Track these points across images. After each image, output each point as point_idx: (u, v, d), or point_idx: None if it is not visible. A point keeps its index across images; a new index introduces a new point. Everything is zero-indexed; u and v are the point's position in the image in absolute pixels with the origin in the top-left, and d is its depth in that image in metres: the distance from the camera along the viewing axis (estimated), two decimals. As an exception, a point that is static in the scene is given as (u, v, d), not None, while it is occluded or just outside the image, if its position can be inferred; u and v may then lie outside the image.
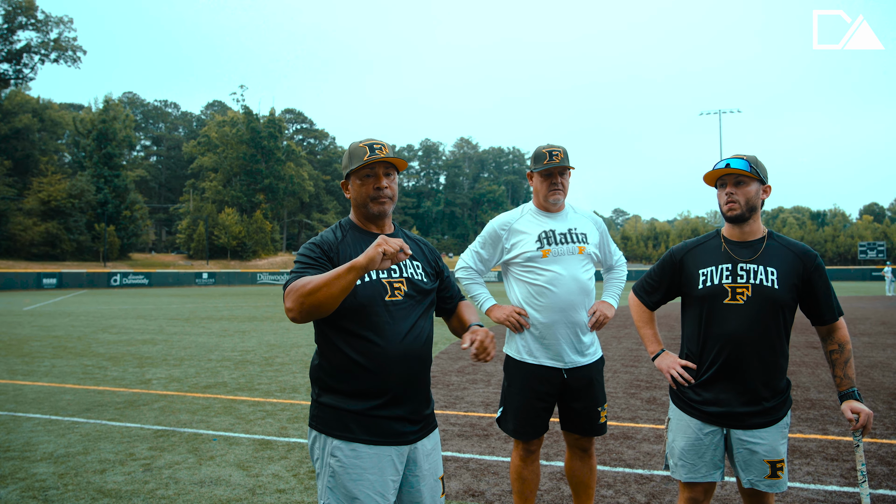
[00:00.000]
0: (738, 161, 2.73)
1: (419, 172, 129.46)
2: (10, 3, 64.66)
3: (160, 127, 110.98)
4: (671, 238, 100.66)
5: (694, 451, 2.79)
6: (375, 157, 2.35)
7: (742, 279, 2.73)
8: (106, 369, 9.77)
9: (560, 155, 3.38)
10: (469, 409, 6.84)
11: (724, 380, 2.74)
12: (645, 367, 9.54)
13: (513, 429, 3.42)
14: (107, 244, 66.93)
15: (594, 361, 3.42)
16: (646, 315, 3.09)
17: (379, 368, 2.26)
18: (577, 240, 3.41)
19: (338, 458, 2.23)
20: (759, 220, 2.82)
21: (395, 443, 2.28)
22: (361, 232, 2.44)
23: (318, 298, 2.07)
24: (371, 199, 2.40)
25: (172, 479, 4.60)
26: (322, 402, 2.32)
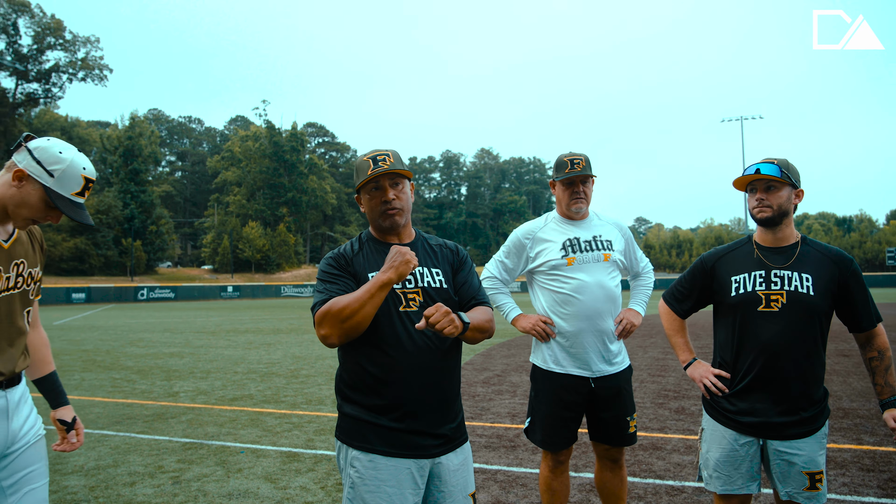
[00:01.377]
0: (768, 166, 2.67)
1: (440, 184, 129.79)
2: (40, 24, 66.33)
3: (185, 143, 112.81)
4: (695, 246, 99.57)
5: (729, 463, 2.73)
6: (379, 169, 2.31)
7: (776, 286, 2.67)
8: (134, 382, 9.88)
9: (581, 163, 3.36)
10: (495, 420, 6.80)
11: (759, 389, 2.68)
12: (672, 377, 9.41)
13: (541, 439, 3.38)
14: (134, 259, 67.97)
15: (622, 370, 3.38)
16: (676, 323, 3.04)
17: (395, 381, 2.24)
18: (602, 247, 3.37)
19: (356, 469, 2.23)
20: (791, 225, 2.76)
21: (414, 456, 2.24)
22: (379, 244, 2.42)
23: (357, 320, 2.11)
24: (381, 214, 2.37)
25: (201, 491, 4.62)
26: (344, 412, 2.33)
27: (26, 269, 2.27)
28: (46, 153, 2.11)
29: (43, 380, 2.49)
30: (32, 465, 2.28)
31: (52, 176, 2.10)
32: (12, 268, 2.20)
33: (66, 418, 2.48)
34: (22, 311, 2.28)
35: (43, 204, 2.12)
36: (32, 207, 2.12)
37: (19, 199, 2.11)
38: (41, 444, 2.35)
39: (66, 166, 2.12)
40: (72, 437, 2.49)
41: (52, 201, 2.10)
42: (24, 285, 2.26)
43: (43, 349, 2.52)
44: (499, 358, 12.05)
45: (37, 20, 66.28)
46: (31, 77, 68.12)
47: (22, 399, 2.30)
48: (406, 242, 2.45)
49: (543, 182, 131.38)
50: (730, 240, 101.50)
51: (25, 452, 2.26)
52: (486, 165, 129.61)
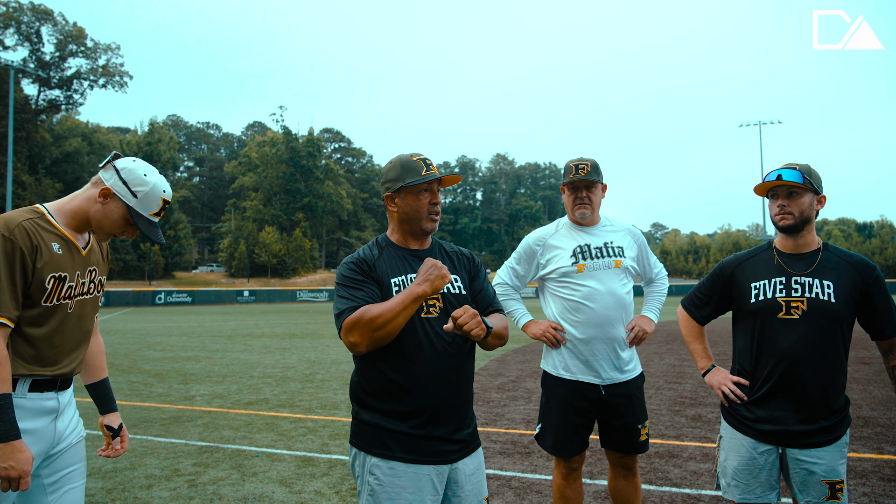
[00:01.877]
0: (791, 172, 2.64)
1: (456, 189, 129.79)
2: (62, 32, 67.38)
3: (203, 148, 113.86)
4: (712, 252, 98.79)
5: (747, 471, 2.70)
6: (433, 174, 2.35)
7: (797, 293, 2.64)
8: (151, 386, 9.97)
9: (586, 168, 3.34)
10: (510, 427, 6.78)
11: (779, 397, 2.65)
12: (689, 384, 9.32)
13: (551, 446, 3.36)
14: (151, 263, 68.65)
15: (633, 378, 3.33)
16: (695, 330, 3.02)
17: (417, 387, 2.24)
18: (612, 254, 3.35)
19: (376, 477, 2.22)
20: (813, 232, 2.73)
21: (435, 462, 2.24)
22: (398, 248, 2.42)
23: (388, 330, 2.12)
24: (427, 215, 2.39)
25: (217, 494, 4.65)
26: (362, 419, 2.32)
27: (97, 276, 2.39)
28: (133, 175, 2.28)
29: (96, 385, 2.57)
30: (73, 464, 2.34)
31: (136, 197, 2.27)
32: (87, 273, 2.33)
33: (112, 424, 2.56)
34: (91, 316, 2.41)
35: (124, 221, 2.29)
36: (114, 223, 2.29)
37: (102, 214, 2.28)
38: (82, 445, 2.41)
39: (150, 189, 2.29)
40: (116, 444, 2.56)
41: (133, 220, 2.28)
42: (94, 291, 2.39)
43: (99, 355, 2.60)
44: (513, 364, 12.02)
45: (59, 28, 67.37)
46: (53, 84, 69.19)
47: (69, 401, 2.37)
48: (426, 248, 2.46)
49: (559, 187, 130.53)
50: (748, 246, 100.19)
51: (68, 452, 2.33)
52: (501, 171, 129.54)
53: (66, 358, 2.27)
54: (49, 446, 2.25)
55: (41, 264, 2.13)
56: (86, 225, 2.31)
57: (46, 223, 2.21)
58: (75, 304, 2.27)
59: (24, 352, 2.15)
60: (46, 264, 2.15)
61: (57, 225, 2.24)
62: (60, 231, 2.23)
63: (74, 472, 2.35)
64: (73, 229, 2.29)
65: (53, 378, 2.23)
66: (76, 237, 2.30)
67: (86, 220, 2.29)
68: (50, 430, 2.24)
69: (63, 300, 2.22)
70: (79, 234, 2.32)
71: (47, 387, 2.22)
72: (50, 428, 2.24)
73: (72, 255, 2.26)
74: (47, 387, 2.22)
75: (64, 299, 2.22)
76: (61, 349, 2.25)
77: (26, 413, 2.16)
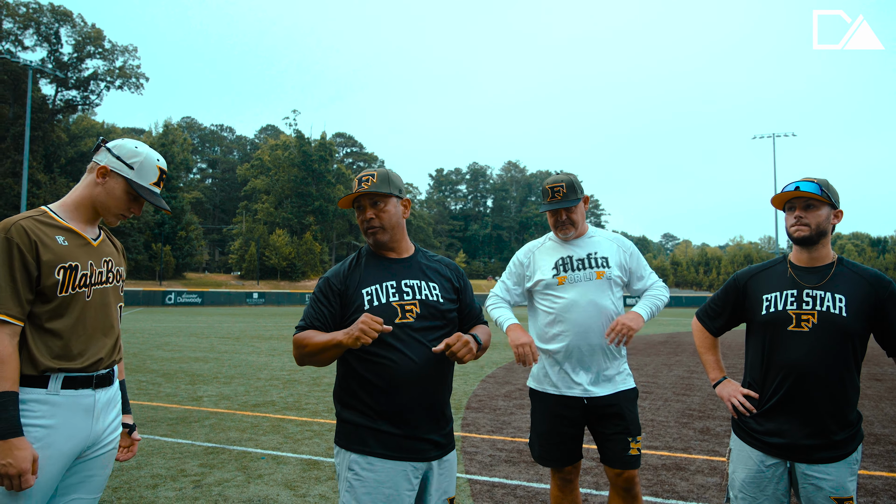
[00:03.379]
0: (809, 184, 2.63)
1: (466, 196, 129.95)
2: (81, 33, 68.11)
3: (216, 150, 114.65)
4: (723, 264, 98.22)
5: (755, 484, 2.67)
6: (359, 190, 2.46)
7: (808, 305, 2.62)
8: (159, 385, 10.01)
9: (561, 191, 3.32)
10: (516, 435, 6.75)
11: (787, 410, 2.63)
12: (697, 396, 9.25)
13: (538, 455, 3.36)
14: (163, 263, 69.05)
15: (621, 391, 3.26)
16: (708, 341, 3.00)
17: (392, 389, 2.34)
18: (595, 265, 3.33)
19: (355, 472, 2.32)
20: (828, 246, 2.71)
21: (411, 458, 2.34)
22: (377, 258, 2.54)
23: (312, 361, 2.35)
24: (365, 233, 2.52)
25: (222, 496, 4.65)
26: (343, 418, 2.43)
27: (115, 266, 2.43)
28: (124, 149, 2.36)
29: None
30: (96, 472, 2.31)
31: (133, 168, 2.35)
32: (103, 263, 2.36)
33: (126, 422, 2.55)
34: (115, 304, 2.43)
35: (127, 196, 2.36)
36: (119, 200, 2.35)
37: (105, 194, 2.33)
38: (111, 455, 2.39)
39: (144, 158, 2.37)
40: (125, 441, 2.54)
41: (136, 191, 2.34)
42: (114, 280, 2.42)
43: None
44: (520, 372, 11.98)
45: (78, 29, 68.11)
46: (71, 84, 69.89)
47: (111, 403, 2.37)
48: (404, 257, 2.56)
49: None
50: (759, 258, 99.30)
51: (96, 459, 2.31)
52: (512, 178, 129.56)
53: (93, 347, 2.27)
54: (83, 445, 2.23)
55: (46, 258, 2.15)
56: (92, 213, 2.35)
57: (49, 219, 2.24)
58: (94, 292, 2.29)
59: (52, 346, 2.17)
60: (52, 257, 2.17)
61: (60, 220, 2.27)
62: (64, 224, 2.27)
63: (93, 480, 2.31)
64: (80, 222, 2.32)
65: (88, 375, 2.24)
66: (84, 230, 2.33)
67: (91, 208, 2.34)
68: (85, 428, 2.23)
69: (79, 288, 2.24)
70: (87, 226, 2.35)
71: (83, 384, 2.23)
72: (85, 426, 2.23)
73: (81, 245, 2.28)
74: (83, 384, 2.23)
75: (80, 287, 2.24)
76: (88, 338, 2.26)
77: (60, 410, 2.16)
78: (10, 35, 64.08)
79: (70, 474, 2.25)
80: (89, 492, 2.31)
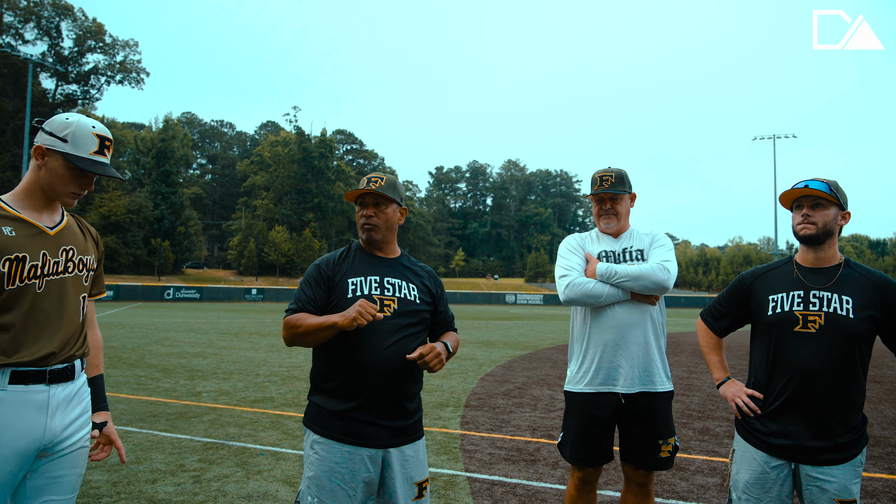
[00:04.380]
0: (818, 183, 2.63)
1: (466, 194, 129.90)
2: (82, 27, 68.01)
3: (216, 146, 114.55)
4: (722, 265, 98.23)
5: (759, 486, 2.66)
6: (367, 188, 2.65)
7: (814, 307, 2.61)
8: (158, 380, 10.00)
9: (610, 180, 3.33)
10: (515, 433, 6.74)
11: (792, 411, 2.62)
12: (696, 397, 9.25)
13: (569, 454, 3.31)
14: (161, 258, 69.00)
15: (659, 391, 3.21)
16: (712, 341, 3.00)
17: (356, 374, 2.50)
18: (631, 258, 3.32)
19: (316, 452, 2.50)
20: (835, 247, 2.71)
21: (367, 444, 2.49)
22: (365, 254, 2.74)
23: (303, 341, 2.52)
24: (360, 228, 2.71)
25: (221, 491, 4.64)
26: (311, 400, 2.62)
27: (77, 256, 2.31)
28: (54, 123, 2.23)
29: (88, 382, 2.47)
30: (64, 472, 2.23)
31: (67, 141, 2.20)
32: (61, 253, 2.25)
33: (95, 420, 2.46)
34: (76, 296, 2.30)
35: (68, 172, 2.22)
36: (62, 178, 2.22)
37: (48, 175, 2.21)
38: (81, 454, 2.30)
39: (75, 127, 2.22)
40: (94, 433, 2.43)
41: (74, 163, 2.19)
42: (75, 270, 2.30)
43: (93, 350, 2.53)
44: (519, 371, 11.98)
45: (79, 23, 68.02)
46: (71, 78, 69.87)
47: (73, 400, 2.26)
48: (390, 257, 2.76)
49: (570, 195, 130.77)
50: (758, 260, 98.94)
51: (63, 457, 2.23)
52: (512, 177, 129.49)
53: (44, 340, 2.16)
54: (37, 444, 2.13)
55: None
56: (45, 199, 2.25)
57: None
58: (47, 283, 2.18)
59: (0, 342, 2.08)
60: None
61: (9, 209, 2.17)
62: (13, 214, 2.17)
63: (62, 480, 2.23)
64: (33, 210, 2.23)
65: (40, 370, 2.14)
66: (38, 218, 2.23)
67: (41, 193, 2.23)
68: (38, 425, 2.12)
69: (28, 280, 2.14)
70: (42, 213, 2.25)
71: (33, 379, 2.12)
72: (38, 423, 2.12)
73: (32, 235, 2.18)
74: (33, 379, 2.12)
75: (29, 279, 2.14)
76: (39, 332, 2.16)
77: (7, 406, 2.06)
78: (10, 28, 63.97)
79: (36, 475, 2.17)
80: (61, 492, 2.23)
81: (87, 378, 2.47)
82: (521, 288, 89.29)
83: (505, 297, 71.71)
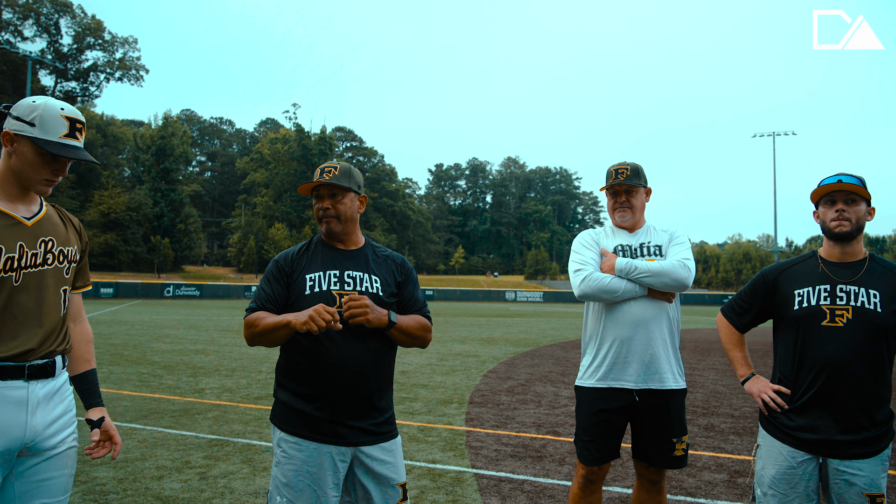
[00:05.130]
0: (850, 177, 2.61)
1: (466, 191, 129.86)
2: (81, 24, 67.89)
3: (215, 143, 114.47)
4: (721, 262, 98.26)
5: (785, 481, 2.65)
6: (320, 179, 2.57)
7: (842, 301, 2.60)
8: (161, 377, 9.98)
9: (626, 173, 3.31)
10: (521, 430, 6.73)
11: (820, 406, 2.61)
12: (700, 393, 9.25)
13: (579, 451, 3.28)
14: (161, 256, 68.94)
15: (672, 389, 3.17)
16: (735, 337, 2.98)
17: (319, 373, 2.43)
18: (649, 253, 3.28)
19: (283, 449, 2.46)
20: (861, 242, 2.70)
21: (334, 442, 2.44)
22: (326, 247, 2.64)
23: (262, 341, 2.45)
24: (318, 219, 2.63)
25: (228, 488, 4.63)
26: (277, 397, 2.56)
27: (56, 247, 2.22)
28: (21, 107, 2.14)
29: (78, 377, 2.41)
30: (52, 474, 2.17)
31: (34, 125, 2.10)
32: (39, 244, 2.16)
33: (92, 417, 2.39)
34: (56, 289, 2.22)
35: (38, 157, 2.12)
36: (33, 164, 2.12)
37: (18, 162, 2.12)
38: (70, 454, 2.25)
39: (42, 110, 2.11)
40: (94, 435, 2.37)
41: (43, 148, 2.09)
42: (55, 262, 2.21)
43: (83, 345, 2.46)
44: (522, 367, 11.97)
45: (78, 20, 67.99)
46: (70, 75, 69.82)
47: (55, 397, 2.20)
48: (352, 249, 2.65)
49: (569, 192, 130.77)
50: (758, 257, 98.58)
51: (50, 459, 2.16)
52: (512, 174, 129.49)
53: (25, 335, 2.10)
54: (17, 442, 2.06)
55: None
56: (19, 188, 2.16)
57: None
58: (24, 276, 2.10)
59: None
60: None
61: None
62: None
63: (51, 483, 2.16)
64: (7, 200, 2.14)
65: (18, 365, 2.07)
66: (13, 208, 2.15)
67: (14, 181, 2.14)
68: (17, 422, 2.05)
69: (4, 273, 2.06)
70: (18, 204, 2.17)
71: (11, 374, 2.05)
72: (17, 420, 2.05)
73: (7, 226, 2.10)
74: (11, 374, 2.05)
75: (5, 272, 2.06)
76: (17, 326, 2.09)
77: None
78: (9, 25, 63.88)
79: (24, 479, 2.12)
80: (52, 495, 2.16)
81: (80, 373, 2.41)
82: (521, 285, 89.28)
83: (505, 294, 71.66)
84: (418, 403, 8.12)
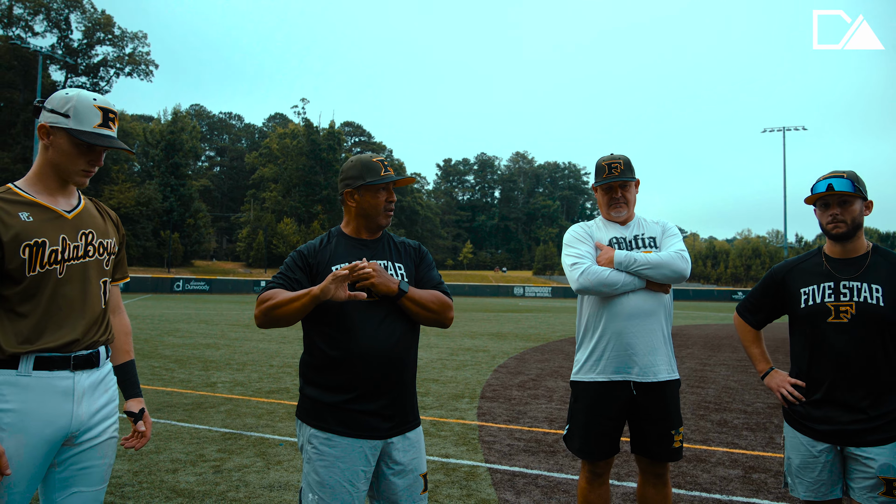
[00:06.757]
0: (840, 181, 2.69)
1: (474, 186, 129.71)
2: (90, 19, 68.13)
3: (224, 138, 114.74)
4: (731, 258, 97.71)
5: (809, 469, 2.79)
6: (390, 176, 2.58)
7: (845, 297, 2.70)
8: (173, 371, 10.04)
9: (619, 167, 3.28)
10: (533, 425, 6.72)
11: (832, 399, 2.73)
12: (712, 389, 9.21)
13: (578, 448, 3.26)
14: (171, 251, 69.27)
15: (669, 380, 3.18)
16: (751, 334, 3.10)
17: (350, 365, 2.40)
18: (644, 245, 3.27)
19: (314, 446, 2.42)
20: (862, 237, 2.79)
21: (367, 436, 2.41)
22: (349, 239, 2.63)
23: (277, 314, 2.37)
24: (384, 211, 2.61)
25: (242, 481, 4.65)
26: (305, 393, 2.51)
27: (97, 239, 2.26)
28: (55, 100, 2.17)
29: (118, 368, 2.44)
30: (92, 463, 2.20)
31: (69, 116, 2.14)
32: (80, 237, 2.20)
33: (133, 409, 2.43)
34: (97, 280, 2.25)
35: (75, 148, 2.16)
36: (70, 155, 2.16)
37: (56, 154, 2.16)
38: (109, 444, 2.27)
39: (76, 101, 2.15)
40: (140, 427, 2.42)
41: (78, 138, 2.13)
42: (96, 254, 2.25)
43: (122, 336, 2.49)
44: (533, 362, 11.96)
45: (87, 15, 68.17)
46: (80, 71, 70.03)
47: (99, 387, 2.23)
48: (375, 239, 2.67)
49: (578, 188, 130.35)
50: (767, 252, 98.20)
51: (92, 448, 2.19)
52: (520, 169, 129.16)
53: (67, 327, 2.13)
54: (64, 431, 2.10)
55: (8, 237, 2.03)
56: (58, 181, 2.20)
57: (13, 196, 2.12)
58: (68, 268, 2.15)
59: (21, 329, 2.05)
60: (16, 235, 2.04)
61: (24, 194, 2.14)
62: (29, 199, 2.14)
63: (91, 471, 2.20)
64: (47, 194, 2.18)
65: (64, 356, 2.11)
66: (54, 202, 2.19)
67: (53, 174, 2.18)
68: (64, 412, 2.09)
69: (49, 266, 2.10)
70: (58, 197, 2.21)
71: (57, 365, 2.10)
72: (64, 410, 2.09)
73: (50, 220, 2.14)
74: (57, 365, 2.10)
75: (50, 265, 2.10)
76: (63, 318, 2.13)
77: (33, 393, 2.04)
78: (20, 21, 64.18)
79: (65, 466, 2.15)
80: (90, 484, 2.19)
81: (119, 364, 2.46)
82: (530, 280, 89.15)
83: (513, 289, 71.63)
84: (430, 398, 8.13)
